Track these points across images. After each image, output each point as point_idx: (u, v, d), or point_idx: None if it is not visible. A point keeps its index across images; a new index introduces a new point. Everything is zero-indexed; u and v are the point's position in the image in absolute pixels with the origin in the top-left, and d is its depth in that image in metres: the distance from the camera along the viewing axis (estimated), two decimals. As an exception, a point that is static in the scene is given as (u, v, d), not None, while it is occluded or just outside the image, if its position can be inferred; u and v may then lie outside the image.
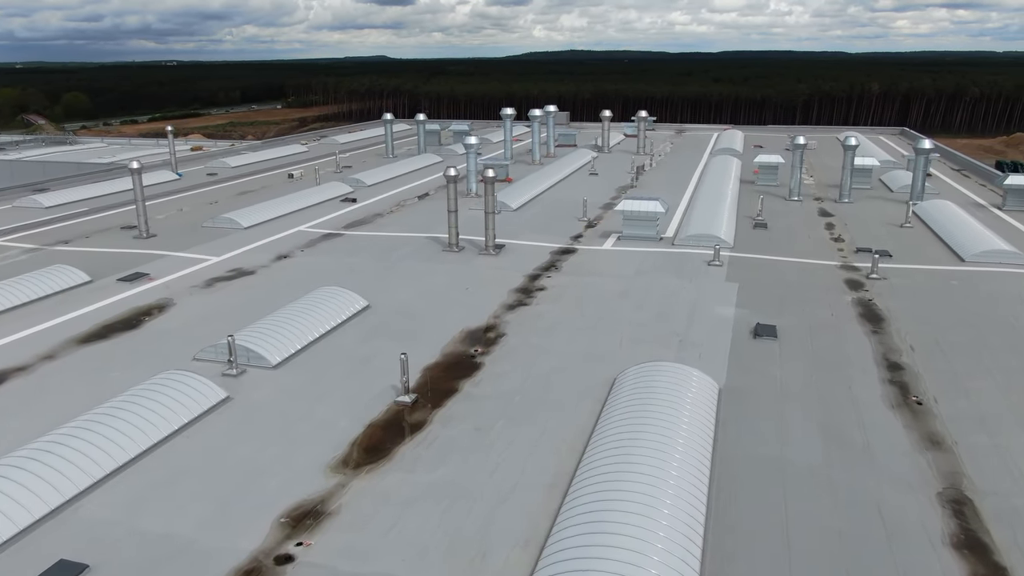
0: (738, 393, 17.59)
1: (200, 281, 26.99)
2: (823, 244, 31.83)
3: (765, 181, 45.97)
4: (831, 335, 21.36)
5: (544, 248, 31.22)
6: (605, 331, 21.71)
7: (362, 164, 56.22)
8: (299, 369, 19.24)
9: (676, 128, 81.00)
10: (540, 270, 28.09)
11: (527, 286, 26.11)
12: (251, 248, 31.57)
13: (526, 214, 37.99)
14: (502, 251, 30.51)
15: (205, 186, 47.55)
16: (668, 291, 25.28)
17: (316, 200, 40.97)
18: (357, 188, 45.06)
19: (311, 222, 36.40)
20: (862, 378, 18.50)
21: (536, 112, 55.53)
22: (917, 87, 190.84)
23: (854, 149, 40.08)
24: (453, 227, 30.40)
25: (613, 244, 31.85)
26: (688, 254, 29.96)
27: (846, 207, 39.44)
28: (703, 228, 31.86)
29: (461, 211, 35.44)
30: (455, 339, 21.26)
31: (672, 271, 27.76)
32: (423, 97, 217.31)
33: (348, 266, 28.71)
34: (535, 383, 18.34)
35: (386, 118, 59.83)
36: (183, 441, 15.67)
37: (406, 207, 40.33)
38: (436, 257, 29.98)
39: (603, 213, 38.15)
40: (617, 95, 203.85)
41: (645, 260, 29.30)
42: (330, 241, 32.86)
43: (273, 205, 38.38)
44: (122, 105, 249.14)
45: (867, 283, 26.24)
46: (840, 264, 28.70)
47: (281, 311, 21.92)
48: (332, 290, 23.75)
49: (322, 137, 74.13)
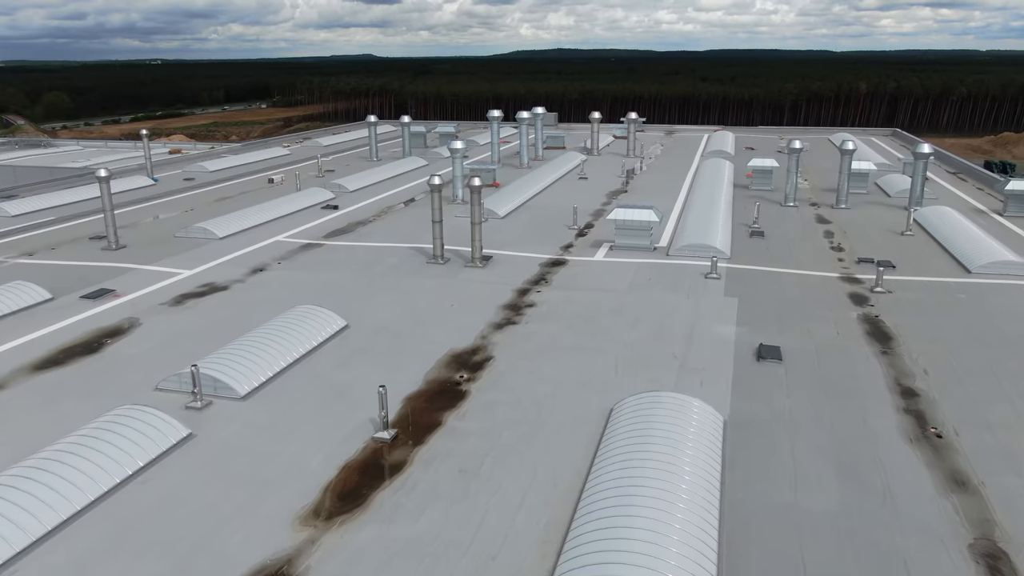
0: (744, 426, 16.29)
1: (169, 298, 25.45)
2: (823, 254, 30.65)
3: (759, 185, 44.83)
4: (839, 357, 20.12)
5: (533, 259, 29.87)
6: (599, 353, 20.38)
7: (345, 168, 54.67)
8: (270, 400, 17.79)
9: (666, 129, 79.87)
10: (529, 284, 26.74)
11: (516, 302, 24.75)
12: (225, 260, 30.03)
13: (514, 222, 36.62)
14: (489, 263, 29.14)
15: (181, 192, 45.88)
16: (664, 307, 23.98)
17: (296, 207, 39.45)
18: (339, 194, 43.55)
19: (290, 231, 34.88)
20: (876, 407, 17.25)
21: (524, 114, 54.18)
22: (905, 87, 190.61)
23: (851, 153, 38.96)
24: (438, 238, 28.99)
25: (605, 255, 30.54)
26: (684, 265, 28.68)
27: (844, 213, 38.31)
28: (698, 238, 30.60)
29: (447, 219, 34.06)
30: (439, 363, 19.87)
31: (668, 284, 26.47)
32: (409, 97, 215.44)
33: (327, 281, 27.25)
34: (525, 415, 16.98)
35: (370, 120, 58.30)
36: (137, 488, 14.20)
37: (390, 214, 38.87)
38: (420, 270, 28.57)
39: (594, 220, 36.85)
40: (605, 95, 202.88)
41: (639, 272, 27.99)
42: (309, 252, 31.38)
43: (251, 213, 36.83)
44: (104, 105, 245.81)
45: (872, 297, 25.04)
46: (842, 276, 27.50)
47: (252, 333, 20.46)
48: (308, 309, 22.30)
49: (305, 139, 72.49)
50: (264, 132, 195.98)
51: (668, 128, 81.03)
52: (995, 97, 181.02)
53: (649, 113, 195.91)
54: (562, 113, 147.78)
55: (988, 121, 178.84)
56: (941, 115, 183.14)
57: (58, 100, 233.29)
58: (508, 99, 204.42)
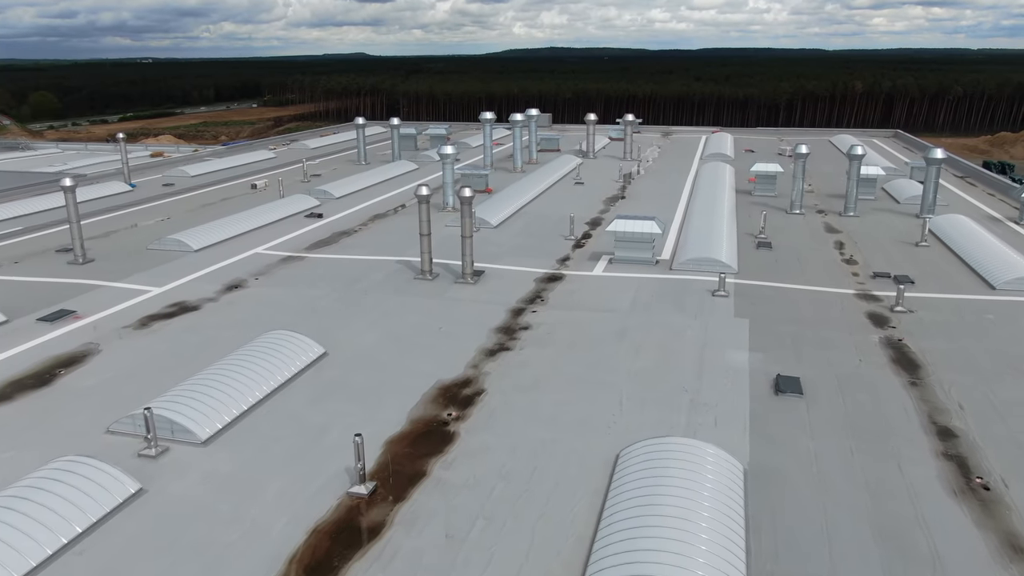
0: (767, 477, 14.49)
1: (134, 320, 23.51)
2: (835, 267, 28.88)
3: (762, 191, 43.08)
4: (864, 389, 18.34)
5: (528, 274, 28.03)
6: (600, 386, 18.55)
7: (332, 172, 52.71)
8: (233, 445, 15.90)
9: (662, 131, 78.11)
10: (524, 303, 24.89)
11: (510, 324, 22.90)
12: (199, 276, 28.09)
13: (508, 232, 34.76)
14: (481, 279, 27.28)
15: (160, 199, 43.86)
16: (670, 330, 22.15)
17: (278, 216, 37.49)
18: (324, 201, 41.61)
19: (270, 243, 32.94)
20: (911, 452, 15.47)
21: (517, 116, 52.32)
22: (901, 86, 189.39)
23: (860, 159, 37.21)
24: (426, 252, 27.12)
25: (604, 269, 28.72)
26: (688, 281, 26.87)
27: (853, 221, 36.57)
28: (703, 251, 28.80)
29: (437, 228, 32.28)
30: (426, 398, 18.01)
31: (672, 303, 24.65)
32: (401, 96, 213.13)
33: (306, 299, 25.34)
34: (520, 463, 15.13)
35: (358, 122, 56.31)
36: (73, 560, 12.31)
37: (377, 223, 36.96)
38: (407, 287, 26.68)
39: (591, 230, 35.03)
40: (599, 94, 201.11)
41: (641, 289, 26.18)
42: (289, 266, 29.45)
43: (230, 223, 34.85)
44: (92, 105, 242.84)
45: (892, 317, 23.28)
46: (858, 293, 25.74)
47: (219, 364, 18.56)
48: (282, 335, 20.39)
49: (292, 142, 70.44)
50: (254, 132, 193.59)
51: (664, 129, 79.28)
52: (991, 97, 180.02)
53: (644, 113, 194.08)
54: (556, 113, 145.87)
55: (984, 121, 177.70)
56: (937, 115, 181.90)
57: (45, 100, 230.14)
58: (501, 99, 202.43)
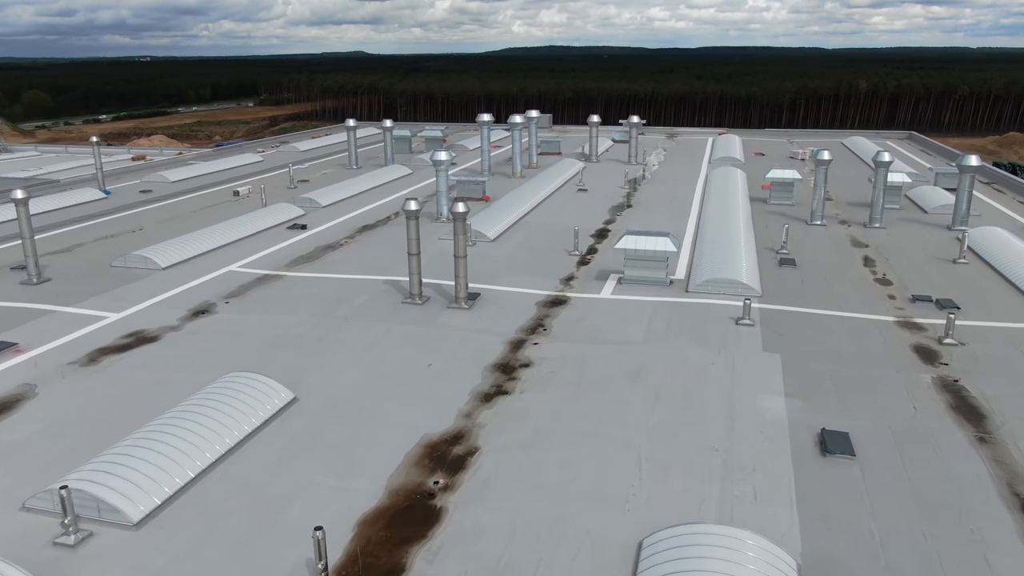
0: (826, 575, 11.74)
1: (82, 354, 20.74)
2: (868, 288, 26.14)
3: (779, 199, 40.32)
4: (924, 447, 15.60)
5: (529, 297, 25.27)
6: (614, 443, 15.80)
7: (321, 177, 49.95)
8: (173, 529, 13.13)
9: (667, 132, 75.32)
10: (524, 332, 22.12)
11: (508, 360, 20.14)
12: (164, 299, 25.32)
13: (506, 246, 31.99)
14: (476, 303, 24.51)
15: (135, 207, 41.05)
16: (692, 369, 19.40)
17: (258, 227, 34.70)
18: (310, 210, 38.82)
19: (247, 259, 30.16)
20: (995, 535, 12.74)
21: (517, 119, 49.51)
22: (906, 85, 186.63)
23: (887, 166, 34.43)
24: (415, 274, 24.34)
25: (613, 290, 25.96)
26: (708, 306, 24.12)
27: (879, 234, 33.81)
28: (723, 270, 26.05)
29: (430, 242, 29.63)
30: (409, 459, 15.26)
31: (692, 333, 21.89)
32: (399, 96, 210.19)
33: (279, 328, 22.57)
34: (521, 553, 12.39)
35: (348, 124, 53.48)
36: None
37: (365, 235, 34.18)
38: (394, 313, 23.90)
39: (597, 243, 32.28)
40: (599, 93, 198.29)
41: (656, 315, 23.42)
42: (264, 287, 26.68)
43: (204, 236, 32.05)
44: (86, 104, 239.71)
45: (942, 352, 20.53)
46: (899, 320, 22.99)
47: (167, 417, 15.80)
48: (245, 379, 17.62)
49: (282, 144, 67.62)
50: (249, 132, 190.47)
51: (669, 131, 76.49)
52: (998, 96, 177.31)
53: (646, 112, 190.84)
54: (556, 113, 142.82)
55: (991, 121, 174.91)
56: (943, 114, 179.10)
57: (38, 99, 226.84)
58: (500, 98, 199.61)
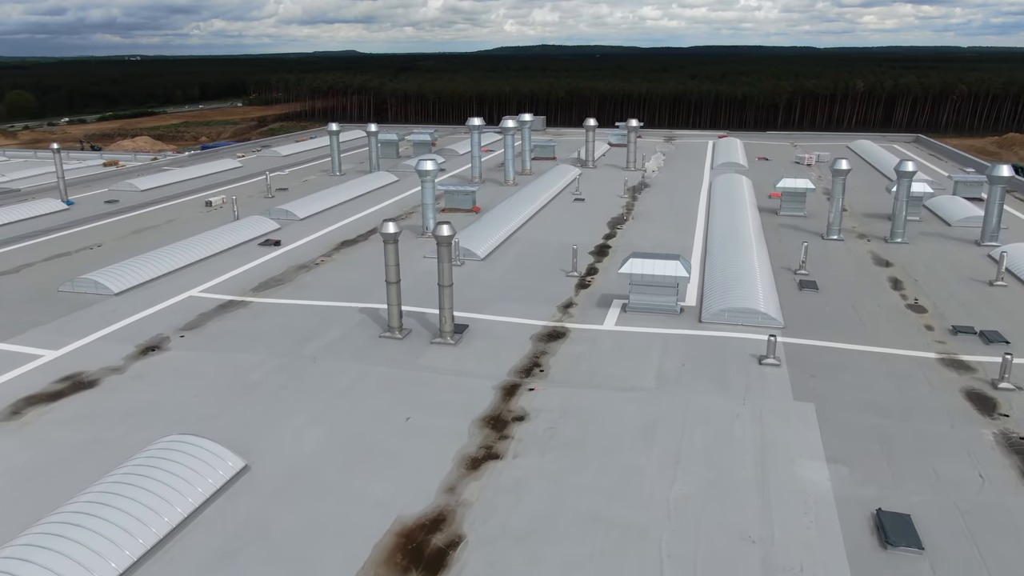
0: None
1: (6, 404, 17.86)
2: (901, 317, 23.44)
3: (790, 210, 37.61)
4: (1002, 532, 12.90)
5: (523, 328, 22.47)
6: (628, 532, 13.03)
7: (302, 185, 47.05)
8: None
9: (665, 135, 72.60)
10: (518, 374, 19.34)
11: (499, 411, 17.36)
12: (111, 332, 22.43)
13: (497, 265, 29.19)
14: (464, 337, 21.71)
15: (97, 219, 38.07)
16: (715, 425, 16.65)
17: (227, 244, 31.79)
18: (285, 223, 35.90)
19: (210, 281, 27.27)
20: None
21: (509, 123, 46.66)
22: (903, 85, 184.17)
23: (910, 177, 31.74)
24: (395, 305, 21.51)
25: (618, 320, 23.18)
26: (725, 341, 21.36)
27: (903, 250, 31.14)
28: (739, 297, 23.29)
29: (414, 260, 26.93)
30: (378, 554, 12.47)
31: (711, 376, 19.14)
32: (389, 96, 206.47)
33: (237, 370, 19.71)
34: None
35: (331, 128, 50.53)
36: None
37: (344, 253, 31.31)
38: (370, 350, 21.06)
39: (597, 261, 29.53)
40: (593, 93, 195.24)
41: (667, 351, 20.66)
42: (226, 317, 23.79)
43: (165, 255, 29.12)
44: (71, 104, 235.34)
45: (1000, 399, 17.86)
46: (941, 358, 20.29)
47: (85, 499, 12.97)
48: (187, 444, 14.79)
49: (263, 147, 64.63)
50: (236, 132, 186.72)
51: (667, 134, 73.78)
52: (995, 96, 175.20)
53: (640, 113, 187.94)
54: (549, 115, 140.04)
55: (989, 121, 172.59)
56: (940, 114, 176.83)
57: (21, 99, 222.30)
58: (492, 99, 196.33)
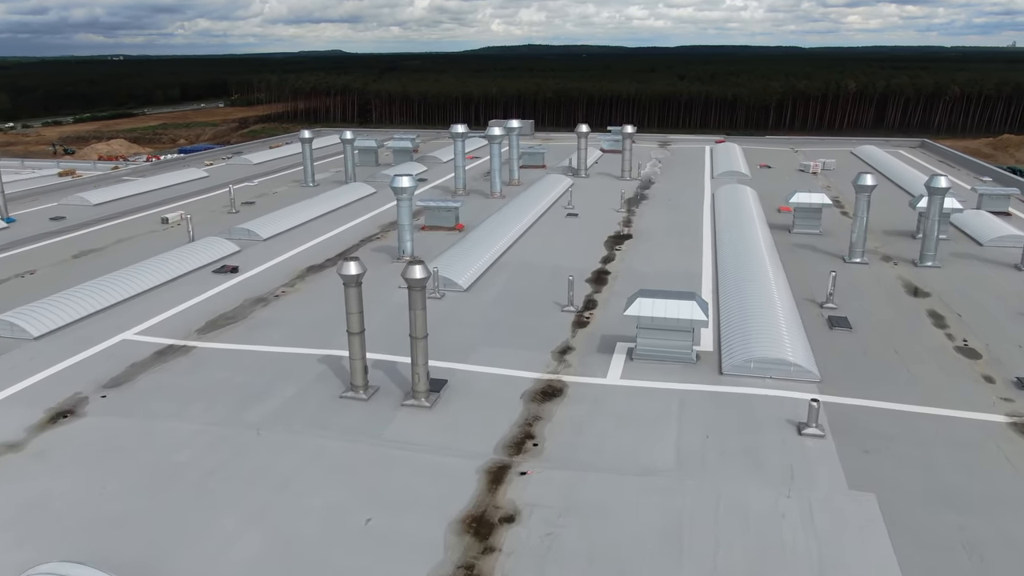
0: None
1: None
2: (952, 365, 20.10)
3: (804, 228, 34.28)
4: None
5: (512, 383, 18.97)
6: None
7: (271, 198, 43.33)
8: None
9: (660, 140, 69.23)
10: (507, 450, 15.84)
11: (484, 508, 13.84)
12: (18, 391, 18.75)
13: (483, 298, 25.67)
14: (442, 395, 18.17)
15: (38, 240, 34.21)
16: (756, 529, 13.19)
17: (177, 271, 28.08)
18: (246, 245, 32.21)
19: (151, 320, 23.59)
20: None
21: (495, 130, 43.08)
22: (895, 85, 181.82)
23: (943, 194, 28.44)
24: (358, 359, 17.93)
25: (623, 370, 19.72)
26: (753, 399, 17.93)
27: (936, 276, 27.86)
28: (766, 345, 19.83)
29: (387, 290, 23.61)
30: None
31: (742, 453, 15.69)
32: (373, 96, 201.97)
33: (163, 445, 16.09)
34: None
35: (303, 136, 46.77)
36: None
37: (310, 281, 27.70)
38: (328, 415, 17.48)
39: (595, 292, 26.08)
40: (581, 94, 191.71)
41: (686, 415, 17.22)
42: (161, 369, 20.13)
43: (102, 287, 25.36)
44: (47, 105, 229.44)
45: (1098, 483, 14.50)
46: (1012, 421, 16.97)
47: None
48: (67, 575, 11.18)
49: (235, 155, 60.76)
50: (216, 135, 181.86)
51: (662, 138, 70.39)
52: (988, 97, 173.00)
53: (630, 114, 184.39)
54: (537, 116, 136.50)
55: (982, 122, 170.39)
56: (933, 116, 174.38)
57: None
58: (478, 100, 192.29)
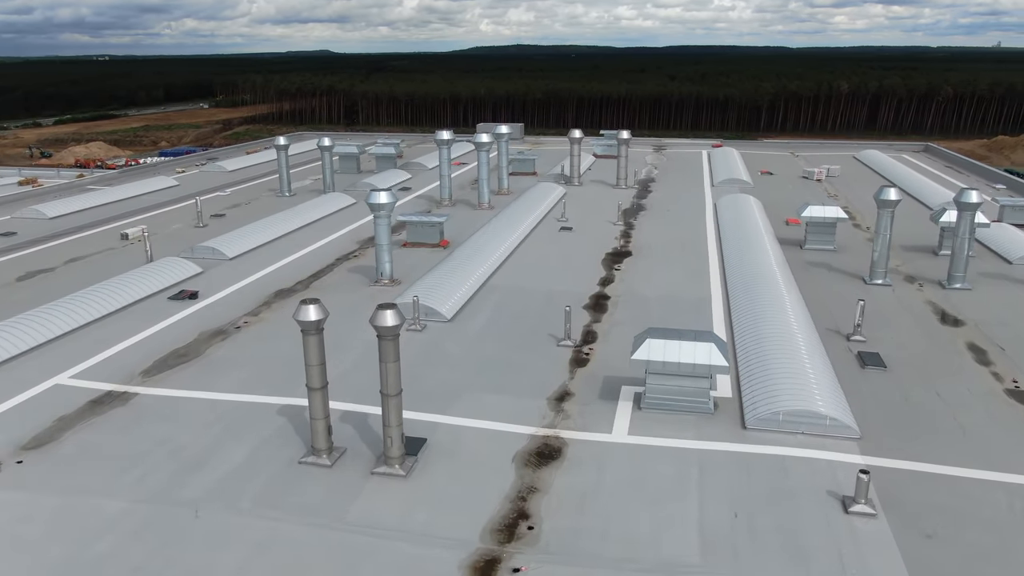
0: None
1: None
2: (1003, 410, 17.58)
3: (818, 243, 31.76)
4: None
5: (503, 441, 16.27)
6: None
7: (244, 208, 40.48)
8: None
9: (654, 144, 66.69)
10: (497, 536, 13.14)
11: (468, 622, 11.11)
12: (-80, 455, 15.87)
13: (468, 330, 22.94)
14: (419, 460, 15.43)
15: (-17, 259, 31.30)
16: (808, 654, 10.53)
17: (129, 298, 25.22)
18: (210, 265, 29.36)
19: (90, 359, 20.74)
20: None
21: (483, 137, 40.29)
22: (887, 86, 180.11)
23: (975, 210, 25.93)
24: (320, 419, 15.17)
25: (631, 424, 17.05)
26: (785, 463, 15.30)
27: (968, 300, 25.36)
28: (795, 395, 17.18)
29: (364, 320, 20.81)
30: None
31: (779, 537, 13.05)
32: (360, 97, 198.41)
33: (75, 537, 13.29)
34: None
35: (278, 143, 43.89)
36: None
37: (276, 308, 24.91)
38: (282, 489, 14.70)
39: (594, 321, 23.41)
40: (571, 94, 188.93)
41: (707, 483, 14.57)
42: (94, 423, 17.30)
43: (37, 319, 22.45)
44: (27, 106, 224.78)
45: None
46: (1093, 491, 14.39)
47: None
48: None
49: (208, 161, 57.76)
50: (199, 137, 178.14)
51: (656, 142, 67.84)
52: (982, 97, 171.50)
53: (621, 116, 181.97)
54: (526, 118, 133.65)
55: (975, 123, 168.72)
56: (925, 117, 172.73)
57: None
58: (467, 101, 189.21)
